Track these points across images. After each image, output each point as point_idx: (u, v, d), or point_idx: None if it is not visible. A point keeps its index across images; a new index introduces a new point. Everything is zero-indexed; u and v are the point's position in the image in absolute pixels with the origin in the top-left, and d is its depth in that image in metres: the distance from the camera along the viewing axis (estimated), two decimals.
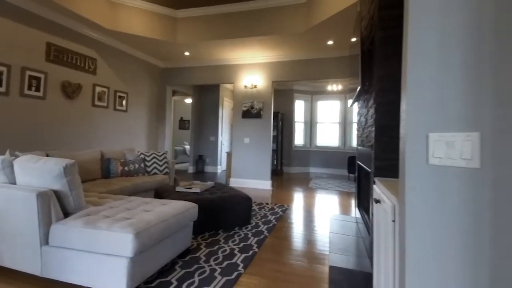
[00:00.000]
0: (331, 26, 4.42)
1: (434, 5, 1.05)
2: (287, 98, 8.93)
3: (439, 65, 1.04)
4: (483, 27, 0.95)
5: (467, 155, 0.97)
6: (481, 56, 0.95)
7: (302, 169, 9.00)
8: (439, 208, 1.01)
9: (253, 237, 2.89)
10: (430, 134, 1.08)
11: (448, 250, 0.99)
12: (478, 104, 0.95)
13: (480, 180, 0.93)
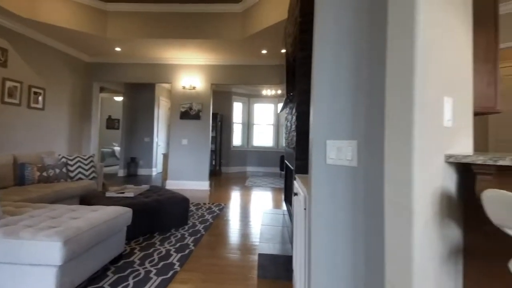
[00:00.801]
0: (264, 37, 4.79)
1: (329, 44, 1.39)
2: (226, 100, 9.14)
3: (334, 91, 1.38)
4: (362, 70, 1.32)
5: (349, 157, 1.32)
6: (358, 89, 1.31)
7: (240, 169, 9.33)
8: (332, 195, 1.35)
9: (190, 237, 2.99)
10: (327, 141, 1.41)
11: (337, 224, 1.33)
12: (356, 121, 1.30)
13: (357, 175, 1.29)
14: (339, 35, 1.37)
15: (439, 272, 1.07)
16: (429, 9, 1.04)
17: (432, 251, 1.04)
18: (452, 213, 1.17)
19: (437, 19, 1.09)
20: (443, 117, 1.12)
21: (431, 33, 1.05)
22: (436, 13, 1.08)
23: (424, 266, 0.99)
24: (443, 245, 1.10)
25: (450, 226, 1.16)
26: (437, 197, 1.08)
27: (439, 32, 1.10)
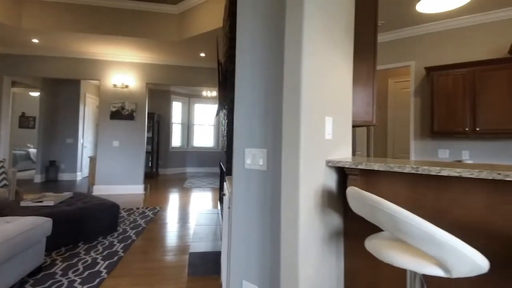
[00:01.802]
0: (202, 42, 4.90)
1: (247, 67, 1.63)
2: (164, 99, 8.86)
3: (250, 109, 1.62)
4: (271, 94, 1.59)
5: (261, 163, 1.58)
6: (269, 108, 1.58)
7: (179, 170, 9.17)
8: (247, 193, 1.60)
9: (120, 243, 2.94)
10: (246, 149, 1.65)
11: (252, 217, 1.58)
12: (266, 134, 1.57)
13: (266, 177, 1.56)
14: (254, 64, 1.62)
15: (321, 249, 1.40)
16: (312, 51, 1.36)
17: (315, 234, 1.36)
18: (333, 204, 1.53)
19: (320, 62, 1.42)
20: (324, 132, 1.47)
21: (314, 72, 1.37)
22: (319, 56, 1.41)
23: (307, 244, 1.30)
24: (325, 229, 1.44)
25: (331, 214, 1.52)
26: (319, 193, 1.41)
27: (321, 70, 1.43)
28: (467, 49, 3.62)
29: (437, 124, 3.49)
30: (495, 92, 3.14)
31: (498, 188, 1.15)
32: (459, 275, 0.94)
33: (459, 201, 1.24)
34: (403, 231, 0.98)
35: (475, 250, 0.91)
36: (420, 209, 1.33)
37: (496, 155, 3.34)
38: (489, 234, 1.17)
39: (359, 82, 2.06)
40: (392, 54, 4.22)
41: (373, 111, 2.09)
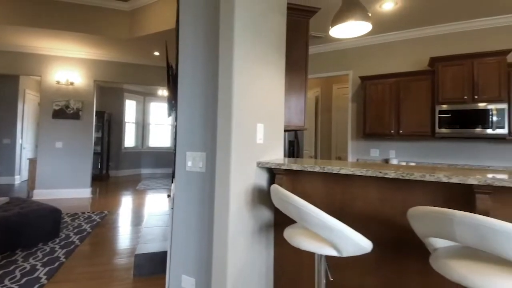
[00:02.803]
0: (154, 41, 4.83)
1: (188, 75, 1.75)
2: (116, 97, 8.43)
3: (192, 116, 1.75)
4: (208, 101, 1.73)
5: (201, 165, 1.72)
6: (208, 114, 1.72)
7: (133, 171, 8.81)
8: (189, 193, 1.72)
9: (61, 249, 2.83)
10: (187, 152, 1.77)
11: (191, 215, 1.71)
12: (205, 137, 1.70)
13: (205, 178, 1.70)
14: (195, 73, 1.75)
15: (250, 240, 1.59)
16: (244, 67, 1.53)
17: (244, 227, 1.54)
18: (264, 200, 1.73)
19: (251, 75, 1.59)
20: (256, 137, 1.66)
21: (245, 85, 1.54)
22: (250, 71, 1.58)
23: (236, 236, 1.48)
24: (255, 222, 1.63)
25: (262, 209, 1.72)
26: (250, 190, 1.60)
27: (252, 83, 1.60)
28: (395, 61, 4.16)
29: (369, 126, 3.97)
30: (416, 99, 3.68)
31: (385, 184, 1.44)
32: (348, 254, 1.19)
33: (359, 195, 1.52)
34: (306, 220, 1.20)
35: (359, 234, 1.16)
36: (331, 202, 1.59)
37: (416, 154, 3.91)
38: (380, 221, 1.46)
39: (292, 92, 2.31)
40: (334, 63, 4.65)
41: (305, 117, 2.35)
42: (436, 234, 1.00)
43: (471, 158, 3.56)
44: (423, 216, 1.03)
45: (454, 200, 1.27)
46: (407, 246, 1.38)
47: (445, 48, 3.79)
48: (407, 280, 1.37)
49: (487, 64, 3.21)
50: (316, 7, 2.32)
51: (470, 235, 0.89)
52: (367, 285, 1.47)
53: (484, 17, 3.51)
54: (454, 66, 3.38)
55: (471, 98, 3.27)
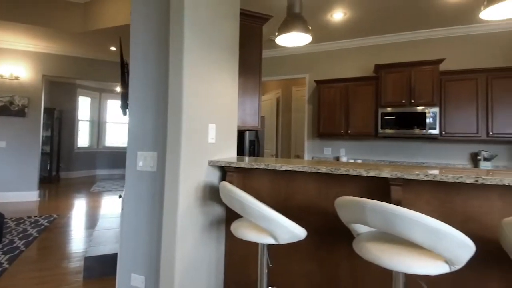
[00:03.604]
0: (111, 35, 4.63)
1: (140, 74, 1.77)
2: (68, 93, 7.85)
3: (142, 111, 1.76)
4: (160, 103, 1.76)
5: (152, 164, 1.75)
6: (159, 114, 1.75)
7: (87, 173, 8.29)
8: (140, 192, 1.74)
9: (4, 255, 2.64)
10: (138, 152, 1.79)
11: (142, 214, 1.73)
12: (157, 137, 1.74)
13: (156, 178, 1.73)
14: (146, 73, 1.77)
15: (200, 235, 1.67)
16: (194, 72, 1.60)
17: (194, 223, 1.62)
18: (216, 197, 1.82)
19: (202, 79, 1.66)
20: (208, 137, 1.74)
21: (196, 88, 1.61)
22: (201, 76, 1.66)
23: (185, 232, 1.55)
24: (205, 218, 1.72)
25: (214, 205, 1.80)
26: (201, 188, 1.67)
27: (204, 86, 1.67)
28: (345, 67, 4.51)
29: (322, 127, 4.26)
30: (362, 103, 4.03)
31: (321, 179, 1.62)
32: (284, 241, 1.33)
33: (301, 189, 1.68)
34: (248, 213, 1.31)
35: (293, 223, 1.31)
36: (276, 196, 1.73)
37: (363, 152, 4.29)
38: (317, 211, 1.63)
39: (247, 94, 2.43)
40: (292, 66, 4.89)
41: (259, 118, 2.49)
42: (354, 220, 1.18)
43: (409, 155, 4.02)
44: (344, 205, 1.20)
45: (375, 191, 1.48)
46: (338, 232, 1.57)
47: (388, 56, 4.21)
48: (338, 262, 1.56)
49: (422, 72, 3.65)
50: (268, 15, 2.46)
51: (379, 220, 1.07)
52: (306, 268, 1.64)
53: (419, 29, 3.97)
54: (394, 73, 3.78)
55: (408, 102, 3.68)
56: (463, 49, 3.82)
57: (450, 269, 1.03)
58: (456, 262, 1.01)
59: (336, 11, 3.52)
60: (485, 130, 3.38)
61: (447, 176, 1.19)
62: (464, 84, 3.48)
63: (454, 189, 1.33)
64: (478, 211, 1.30)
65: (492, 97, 3.36)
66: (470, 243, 0.98)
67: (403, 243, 1.16)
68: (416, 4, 3.29)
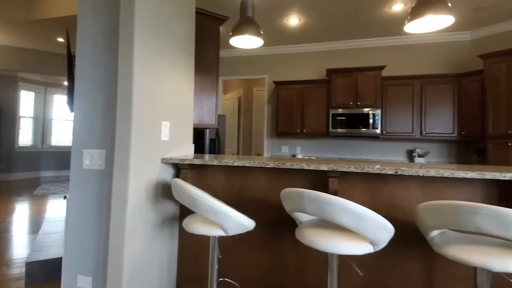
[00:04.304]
0: (57, 26, 4.28)
1: (87, 71, 1.71)
2: (8, 86, 7.02)
3: (89, 107, 1.70)
4: (109, 99, 1.71)
5: (100, 163, 1.70)
6: (109, 110, 1.70)
7: (31, 174, 7.52)
8: (86, 192, 1.68)
9: None
10: (84, 150, 1.72)
11: (88, 214, 1.68)
12: (105, 134, 1.69)
13: (104, 176, 1.69)
14: (94, 67, 1.71)
15: (151, 233, 1.67)
16: (146, 70, 1.59)
17: (144, 221, 1.62)
18: (169, 194, 1.83)
19: (155, 77, 1.66)
20: (161, 134, 1.74)
21: (148, 86, 1.60)
22: (154, 73, 1.65)
23: (134, 230, 1.54)
24: (157, 216, 1.72)
25: (167, 203, 1.81)
26: (153, 186, 1.67)
27: (156, 84, 1.67)
28: (301, 70, 4.75)
29: (280, 126, 4.45)
30: (315, 104, 4.30)
31: (271, 174, 1.73)
32: (233, 232, 1.41)
33: (253, 183, 1.77)
34: (198, 207, 1.36)
35: (242, 215, 1.39)
36: (230, 191, 1.81)
37: (316, 150, 4.57)
38: (268, 204, 1.74)
39: (204, 93, 2.46)
40: (253, 67, 5.01)
41: (216, 116, 2.53)
42: (296, 209, 1.30)
43: (356, 152, 4.39)
44: (287, 196, 1.31)
45: (316, 183, 1.63)
46: (285, 223, 1.69)
47: (339, 61, 4.54)
48: (285, 250, 1.69)
49: (367, 77, 4.01)
50: (225, 16, 2.52)
51: (314, 207, 1.20)
52: (256, 259, 1.74)
53: (363, 38, 4.35)
54: (343, 77, 4.10)
55: (355, 104, 4.02)
56: (401, 57, 4.28)
57: (374, 249, 1.20)
58: (378, 242, 1.18)
59: (291, 16, 3.70)
60: (419, 130, 3.84)
61: (372, 168, 1.37)
62: (402, 89, 3.92)
63: (381, 180, 1.53)
64: (401, 199, 1.51)
65: (425, 101, 3.83)
66: (389, 225, 1.15)
67: (336, 228, 1.31)
68: (358, 16, 3.61)
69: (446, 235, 1.25)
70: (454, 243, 1.15)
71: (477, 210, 1.00)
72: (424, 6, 1.55)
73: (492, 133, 3.24)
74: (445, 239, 1.20)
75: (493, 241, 1.18)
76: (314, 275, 1.64)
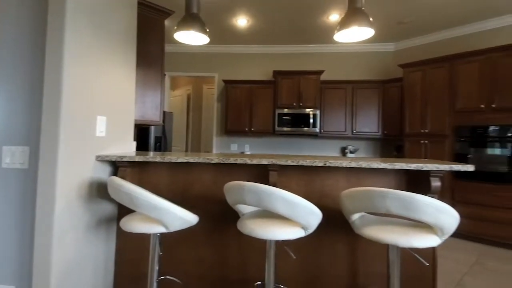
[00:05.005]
0: None
1: (7, 64, 1.50)
2: None
3: (9, 97, 1.50)
4: (35, 87, 1.54)
5: (22, 161, 1.52)
6: (34, 103, 1.53)
7: None
8: (6, 193, 1.49)
9: None
10: (3, 146, 1.52)
11: (8, 217, 1.49)
12: (29, 130, 1.52)
13: (27, 175, 1.52)
14: (18, 57, 1.52)
15: (83, 235, 1.56)
16: (78, 62, 1.48)
17: (76, 223, 1.50)
18: (106, 194, 1.72)
19: (90, 70, 1.55)
20: (96, 130, 1.64)
21: (79, 75, 1.48)
22: (88, 66, 1.54)
23: (64, 232, 1.42)
24: (91, 217, 1.61)
25: (103, 203, 1.71)
26: (86, 185, 1.57)
27: (91, 76, 1.55)
28: (251, 70, 4.88)
29: (229, 124, 4.51)
30: (263, 104, 4.46)
31: (216, 169, 1.77)
32: (175, 228, 1.41)
33: (197, 179, 1.78)
34: (137, 205, 1.33)
35: (184, 210, 1.39)
36: (175, 188, 1.79)
37: (264, 147, 4.76)
38: (213, 199, 1.77)
39: (148, 87, 2.37)
40: (203, 64, 4.96)
41: (161, 113, 2.46)
42: (237, 201, 1.36)
43: (299, 150, 4.70)
44: (229, 189, 1.37)
45: (258, 177, 1.72)
46: (229, 216, 1.75)
47: (284, 64, 4.79)
48: (228, 243, 1.75)
49: (308, 80, 4.32)
50: (170, 10, 2.46)
51: (254, 198, 1.27)
52: (200, 254, 1.76)
53: (306, 44, 4.68)
54: (288, 79, 4.35)
55: (298, 105, 4.31)
56: (337, 63, 4.72)
57: (305, 233, 1.33)
58: (309, 227, 1.32)
59: (239, 17, 3.78)
60: (350, 129, 4.30)
61: (306, 162, 1.51)
62: (337, 92, 4.33)
63: (315, 172, 1.70)
64: (330, 188, 1.69)
65: (356, 104, 4.30)
66: (317, 210, 1.29)
67: (273, 217, 1.41)
68: (300, 23, 3.88)
69: (364, 218, 1.45)
70: (370, 225, 1.35)
71: (386, 194, 1.19)
72: (350, 18, 1.76)
73: (409, 132, 3.80)
74: (364, 222, 1.39)
75: (401, 221, 1.41)
76: (254, 264, 1.73)
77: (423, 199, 1.09)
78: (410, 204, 1.12)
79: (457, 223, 1.16)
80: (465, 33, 3.79)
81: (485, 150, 3.11)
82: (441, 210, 1.09)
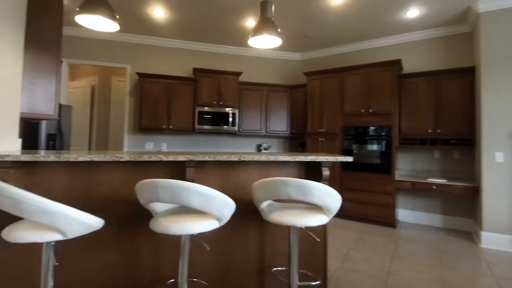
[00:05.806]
0: None
1: None
2: None
3: None
4: None
5: None
6: None
7: None
8: None
9: None
10: None
11: None
12: None
13: None
14: None
15: None
16: None
17: None
18: None
19: None
20: None
21: None
22: None
23: None
24: None
25: None
26: None
27: None
28: (169, 64, 4.68)
29: (144, 121, 4.22)
30: (183, 101, 4.36)
31: (126, 168, 1.66)
32: (75, 234, 1.27)
33: (104, 180, 1.64)
34: (24, 210, 1.14)
35: (85, 213, 1.27)
36: (75, 191, 1.59)
37: (183, 145, 4.66)
38: (123, 200, 1.66)
39: (39, 74, 2.02)
40: (113, 54, 4.46)
41: (56, 105, 2.13)
42: (151, 199, 1.33)
43: (219, 147, 4.80)
44: (141, 188, 1.32)
45: (175, 174, 1.71)
46: (141, 217, 1.68)
47: (205, 62, 4.80)
48: (140, 245, 1.68)
49: (228, 80, 4.45)
50: None
51: (168, 194, 1.27)
52: (105, 260, 1.63)
53: (226, 44, 4.82)
54: (208, 78, 4.38)
55: (218, 103, 4.39)
56: (254, 66, 5.03)
57: (219, 224, 1.41)
58: (223, 218, 1.40)
59: (155, 7, 3.58)
60: (265, 128, 4.68)
61: (222, 157, 1.60)
62: (254, 94, 4.64)
63: (231, 167, 1.81)
64: (244, 181, 1.83)
65: (269, 105, 4.70)
66: (230, 201, 1.39)
67: (189, 212, 1.45)
68: (219, 23, 3.98)
69: (271, 206, 1.64)
70: (275, 210, 1.53)
71: (286, 182, 1.38)
72: (262, 27, 1.94)
73: (310, 131, 4.39)
74: (270, 208, 1.58)
75: (299, 206, 1.65)
76: (169, 263, 1.71)
77: (313, 184, 1.32)
78: (304, 189, 1.34)
79: (339, 203, 1.45)
80: (354, 50, 4.62)
81: (365, 146, 3.89)
82: (327, 192, 1.35)
